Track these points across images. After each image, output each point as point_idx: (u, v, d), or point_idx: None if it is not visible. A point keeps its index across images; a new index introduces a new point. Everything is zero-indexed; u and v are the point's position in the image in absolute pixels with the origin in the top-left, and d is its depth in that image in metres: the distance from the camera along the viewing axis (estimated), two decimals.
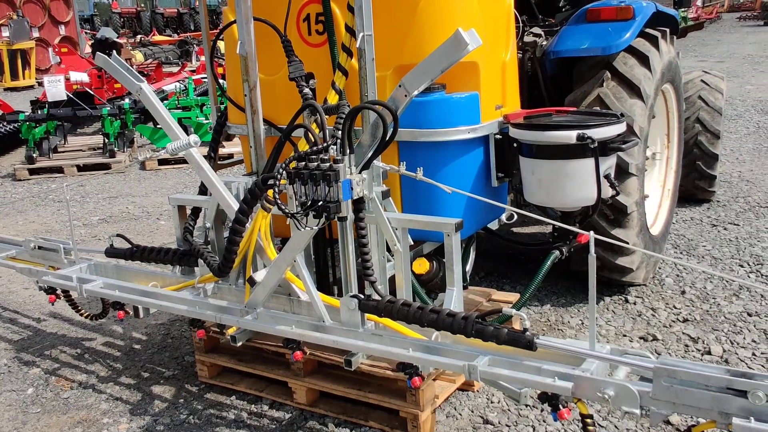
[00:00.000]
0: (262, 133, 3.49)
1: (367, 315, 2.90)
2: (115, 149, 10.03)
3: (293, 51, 3.50)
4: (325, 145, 2.67)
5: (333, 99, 3.32)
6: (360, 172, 2.72)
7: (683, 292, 4.58)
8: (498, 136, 3.53)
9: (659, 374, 2.17)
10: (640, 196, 4.24)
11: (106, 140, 10.04)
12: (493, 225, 3.96)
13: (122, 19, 44.35)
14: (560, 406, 2.36)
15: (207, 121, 9.92)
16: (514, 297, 4.02)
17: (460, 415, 3.41)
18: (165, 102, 11.11)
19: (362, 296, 2.90)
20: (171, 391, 3.77)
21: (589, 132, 3.14)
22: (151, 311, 3.54)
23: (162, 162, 9.82)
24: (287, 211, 2.62)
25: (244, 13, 3.36)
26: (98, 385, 3.89)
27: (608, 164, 3.35)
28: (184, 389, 3.78)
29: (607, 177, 3.30)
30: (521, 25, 4.41)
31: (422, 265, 3.42)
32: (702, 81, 6.29)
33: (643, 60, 4.26)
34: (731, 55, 19.22)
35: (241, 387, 3.68)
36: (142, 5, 47.59)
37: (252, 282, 3.17)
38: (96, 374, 4.01)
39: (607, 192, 3.38)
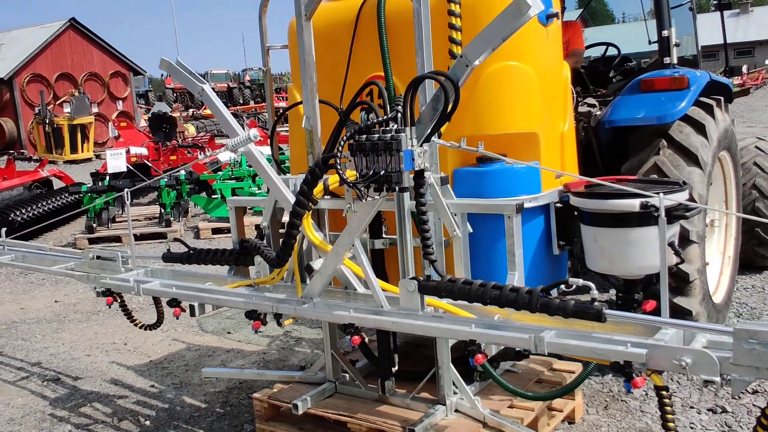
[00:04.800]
0: (326, 205, 3.58)
1: (427, 301, 2.86)
2: (171, 219, 10.33)
3: (351, 120, 3.63)
4: (386, 117, 2.70)
5: None
6: (421, 145, 2.73)
7: None
8: (558, 205, 3.56)
9: (740, 336, 2.07)
10: (702, 263, 4.18)
11: (163, 210, 10.36)
12: (552, 294, 3.94)
13: (175, 94, 46.21)
14: (634, 375, 2.26)
15: (260, 191, 10.17)
16: (576, 366, 3.95)
17: None
18: (219, 173, 11.45)
19: (421, 278, 2.87)
20: None
21: (652, 200, 3.15)
22: (207, 308, 3.56)
23: (216, 231, 10.06)
24: (349, 181, 2.63)
25: (309, 90, 3.52)
26: None
27: (672, 232, 3.34)
28: None
29: (671, 245, 3.28)
30: (575, 96, 4.49)
31: None
32: (756, 147, 6.24)
33: (700, 128, 4.28)
34: None
35: None
36: None
37: (309, 270, 3.16)
38: None
39: (672, 260, 3.35)
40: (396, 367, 3.64)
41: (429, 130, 2.77)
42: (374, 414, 3.49)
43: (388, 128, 2.68)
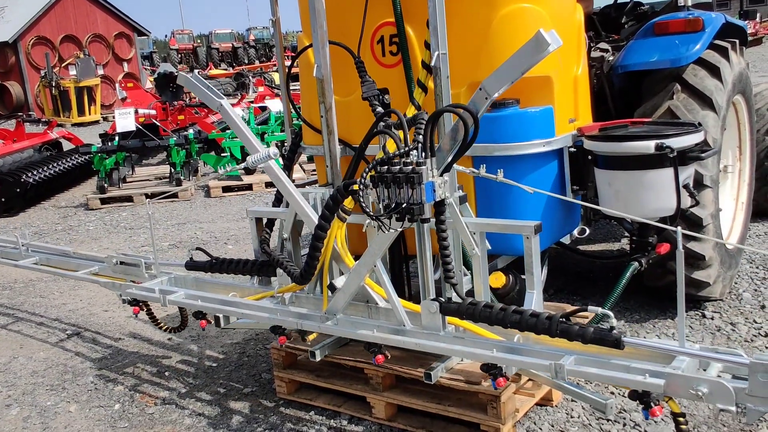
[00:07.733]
0: (338, 153, 3.60)
1: (447, 318, 2.92)
2: (182, 178, 10.36)
3: (366, 71, 3.60)
4: (407, 148, 2.72)
5: (411, 113, 3.41)
6: (441, 175, 2.76)
7: (763, 307, 4.46)
8: (572, 149, 3.55)
9: (756, 370, 2.14)
10: (716, 208, 4.17)
11: (173, 169, 10.38)
12: (565, 240, 3.96)
13: (179, 55, 45.92)
14: (652, 404, 2.35)
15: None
16: (589, 313, 3.97)
17: (540, 429, 3.39)
18: (228, 131, 11.44)
19: (443, 299, 2.93)
20: (250, 407, 3.85)
21: (667, 141, 3.14)
22: (232, 320, 3.64)
23: (226, 189, 10.10)
24: (371, 213, 2.68)
25: (320, 38, 3.49)
26: (180, 401, 4.00)
27: (687, 174, 3.33)
28: (263, 405, 3.85)
29: (686, 187, 3.28)
30: (587, 41, 4.42)
31: (498, 279, 3.44)
32: None
33: (714, 71, 4.22)
34: None
35: (319, 402, 3.74)
36: (198, 41, 49.18)
37: (332, 288, 3.23)
38: (177, 391, 4.13)
39: (687, 202, 3.35)
40: None
41: (449, 160, 2.78)
42: (390, 360, 3.54)
43: (408, 160, 2.69)
